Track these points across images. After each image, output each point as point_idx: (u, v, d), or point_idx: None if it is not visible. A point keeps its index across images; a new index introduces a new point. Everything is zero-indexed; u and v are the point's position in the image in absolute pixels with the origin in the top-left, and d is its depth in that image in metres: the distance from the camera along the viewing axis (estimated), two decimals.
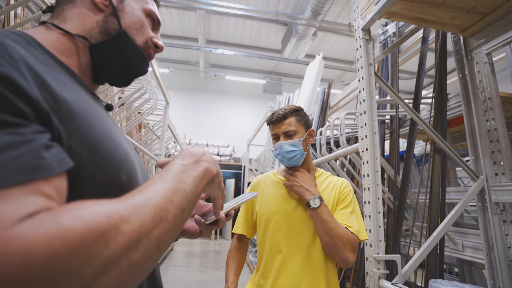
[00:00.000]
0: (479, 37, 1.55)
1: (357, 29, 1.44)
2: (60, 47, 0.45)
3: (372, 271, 1.10)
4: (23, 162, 0.26)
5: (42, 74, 0.33)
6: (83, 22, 0.48)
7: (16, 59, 0.31)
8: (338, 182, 1.08)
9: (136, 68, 0.55)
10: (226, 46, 8.77)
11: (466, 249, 1.51)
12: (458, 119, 1.85)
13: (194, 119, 10.28)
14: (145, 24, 0.54)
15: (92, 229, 0.25)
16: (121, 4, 0.52)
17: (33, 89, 0.30)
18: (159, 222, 0.30)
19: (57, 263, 0.23)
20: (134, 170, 0.45)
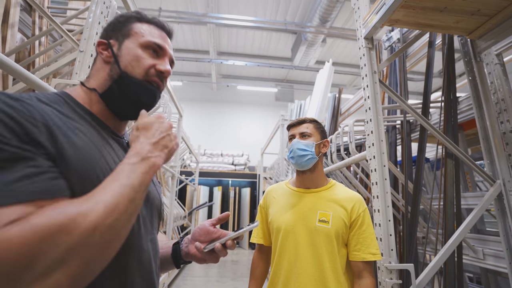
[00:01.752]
0: (487, 39, 1.53)
1: (360, 38, 1.46)
2: (87, 100, 0.58)
3: (384, 280, 1.09)
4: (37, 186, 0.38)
5: (54, 128, 0.44)
6: (99, 76, 0.60)
7: (36, 118, 0.43)
8: (353, 199, 1.06)
9: (143, 100, 0.61)
10: (237, 57, 8.94)
11: (487, 257, 1.45)
12: (472, 122, 1.80)
13: (208, 129, 10.46)
14: (140, 57, 0.60)
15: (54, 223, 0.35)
16: (119, 50, 0.60)
17: (45, 141, 0.42)
18: (111, 212, 0.40)
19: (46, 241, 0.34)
20: None
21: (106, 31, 0.63)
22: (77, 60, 1.22)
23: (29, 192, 0.36)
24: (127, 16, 0.64)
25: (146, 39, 0.61)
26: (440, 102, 1.63)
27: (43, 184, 0.38)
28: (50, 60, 1.48)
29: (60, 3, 2.11)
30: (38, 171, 0.39)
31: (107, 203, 0.40)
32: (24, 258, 0.32)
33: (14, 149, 0.38)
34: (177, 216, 4.50)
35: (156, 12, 6.42)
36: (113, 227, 0.40)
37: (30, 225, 0.34)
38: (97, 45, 0.61)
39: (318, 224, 1.03)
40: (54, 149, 0.42)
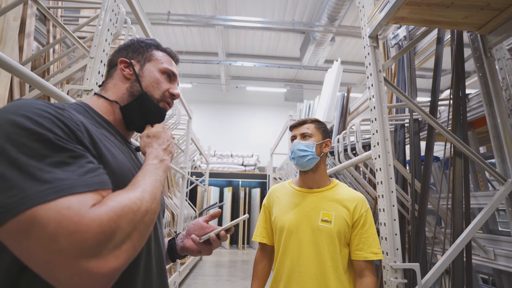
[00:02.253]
0: (497, 33, 1.49)
1: (365, 36, 1.46)
2: (104, 109, 0.66)
3: (389, 280, 1.08)
4: (99, 178, 0.45)
5: (92, 132, 0.52)
6: (117, 90, 0.68)
7: (79, 124, 0.49)
8: (355, 199, 1.08)
9: (154, 119, 0.72)
10: (246, 58, 8.99)
11: (498, 258, 1.41)
12: (483, 120, 1.76)
13: (218, 130, 10.55)
14: (160, 81, 0.71)
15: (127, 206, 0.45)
16: (141, 71, 0.69)
17: (89, 144, 0.49)
18: (153, 199, 0.50)
19: (120, 220, 0.43)
20: None
21: (127, 51, 0.72)
22: (88, 66, 1.27)
23: (95, 183, 0.44)
24: (148, 43, 0.74)
25: (165, 66, 0.72)
26: (449, 99, 1.60)
27: (101, 177, 0.46)
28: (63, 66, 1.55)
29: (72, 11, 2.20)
30: (95, 167, 0.46)
31: (150, 192, 0.50)
32: (110, 231, 0.40)
33: (73, 147, 0.45)
34: (188, 217, 4.57)
35: (165, 16, 6.54)
36: (155, 211, 0.49)
37: (111, 207, 0.42)
38: (119, 62, 0.69)
39: (321, 224, 1.04)
40: (95, 152, 0.50)
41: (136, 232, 0.44)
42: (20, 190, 0.37)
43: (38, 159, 0.40)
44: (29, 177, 0.38)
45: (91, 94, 1.23)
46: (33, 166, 0.39)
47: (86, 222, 0.38)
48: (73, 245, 0.37)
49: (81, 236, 0.37)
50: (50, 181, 0.39)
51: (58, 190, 0.39)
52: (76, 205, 0.39)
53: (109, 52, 1.36)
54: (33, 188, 0.38)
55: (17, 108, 0.44)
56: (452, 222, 1.33)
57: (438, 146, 2.10)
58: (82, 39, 1.48)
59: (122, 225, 0.42)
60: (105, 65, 1.33)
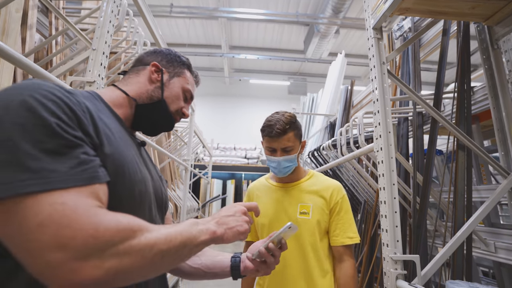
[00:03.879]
0: (505, 24, 1.46)
1: (369, 28, 1.44)
2: (116, 101, 0.66)
3: (389, 271, 1.10)
4: (89, 173, 0.44)
5: (97, 120, 0.51)
6: (139, 88, 0.70)
7: (85, 110, 0.49)
8: (330, 188, 1.13)
9: (164, 127, 0.75)
10: (249, 51, 8.91)
11: (499, 251, 1.41)
12: (488, 113, 1.74)
13: (221, 123, 10.54)
14: (180, 98, 0.75)
15: (132, 226, 0.43)
16: (168, 81, 0.73)
17: (92, 132, 0.48)
18: (168, 242, 0.46)
19: (110, 235, 0.40)
20: (146, 192, 0.60)
21: (161, 58, 0.75)
22: (90, 58, 1.27)
23: (85, 178, 0.42)
24: (183, 61, 0.78)
25: (188, 88, 0.77)
26: (453, 92, 1.58)
27: (93, 171, 0.44)
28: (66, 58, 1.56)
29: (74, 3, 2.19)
30: (89, 159, 0.44)
31: (167, 234, 0.47)
32: (103, 241, 0.39)
33: (71, 137, 0.43)
34: (191, 209, 4.62)
35: (167, 8, 6.49)
36: (164, 253, 0.45)
37: (115, 220, 0.42)
38: (152, 65, 0.72)
39: (299, 217, 1.08)
40: (97, 139, 0.48)
41: (129, 259, 0.41)
42: (4, 175, 0.37)
43: (32, 143, 0.39)
44: (17, 162, 0.37)
45: (93, 86, 1.24)
46: (24, 150, 0.38)
47: (83, 221, 0.38)
48: (58, 239, 0.36)
49: (71, 232, 0.37)
50: (36, 171, 0.38)
51: (41, 183, 0.38)
52: (71, 202, 0.39)
53: (111, 44, 1.36)
54: (18, 176, 0.37)
55: (27, 87, 0.43)
56: (453, 215, 1.33)
57: (442, 140, 2.09)
58: (84, 31, 1.47)
59: (116, 242, 0.40)
60: (107, 57, 1.34)
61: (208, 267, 0.79)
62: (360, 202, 2.70)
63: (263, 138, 1.12)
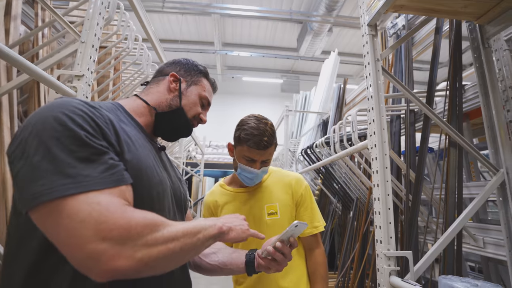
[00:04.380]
0: (496, 24, 1.48)
1: (363, 25, 1.43)
2: (137, 111, 0.72)
3: (382, 267, 1.10)
4: (117, 176, 0.50)
5: (118, 130, 0.57)
6: (158, 97, 0.75)
7: (108, 122, 0.55)
8: (292, 182, 1.11)
9: (183, 132, 0.80)
10: (242, 48, 8.86)
11: (487, 246, 1.44)
12: (477, 111, 1.77)
13: (213, 121, 10.39)
14: (197, 104, 0.80)
15: (156, 221, 0.49)
16: (186, 90, 0.78)
17: (114, 141, 0.54)
18: (185, 235, 0.52)
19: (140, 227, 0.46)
20: (164, 193, 0.65)
21: (180, 68, 0.81)
22: (79, 51, 1.23)
23: (113, 180, 0.49)
24: (200, 70, 0.83)
25: (205, 95, 0.82)
26: (445, 90, 1.60)
27: (120, 174, 0.51)
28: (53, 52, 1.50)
29: None
30: (116, 164, 0.51)
31: (185, 228, 0.53)
32: (134, 234, 0.45)
33: (98, 145, 0.49)
34: None
35: (159, 3, 6.38)
36: (182, 243, 0.51)
37: (143, 216, 0.48)
38: (170, 75, 0.78)
39: (268, 218, 1.06)
40: (119, 148, 0.54)
41: (156, 249, 0.47)
42: (49, 181, 0.43)
43: (67, 153, 0.46)
44: (57, 170, 0.44)
45: (82, 80, 1.20)
46: (62, 159, 0.45)
47: (117, 216, 0.44)
48: (98, 232, 0.42)
49: (108, 226, 0.43)
50: (73, 176, 0.45)
51: (79, 186, 0.44)
52: (105, 201, 0.45)
53: (101, 37, 1.32)
54: (59, 181, 0.44)
55: (58, 105, 0.50)
56: (444, 211, 1.35)
57: (433, 138, 2.12)
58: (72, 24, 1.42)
59: (145, 234, 0.46)
60: (96, 50, 1.30)
61: (225, 264, 0.84)
62: (352, 200, 2.72)
63: (241, 146, 1.02)
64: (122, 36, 2.01)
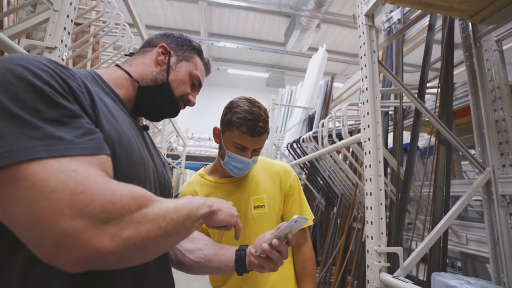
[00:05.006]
0: (488, 23, 1.49)
1: (360, 15, 1.39)
2: (117, 82, 0.63)
3: (373, 263, 1.07)
4: (96, 143, 0.41)
5: (94, 96, 0.48)
6: (143, 69, 0.66)
7: (81, 85, 0.46)
8: (280, 172, 1.03)
9: (168, 112, 0.71)
10: (229, 39, 8.67)
11: (470, 243, 1.47)
12: (463, 111, 1.80)
13: (196, 113, 10.23)
14: (186, 83, 0.70)
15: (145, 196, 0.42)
16: (175, 65, 0.69)
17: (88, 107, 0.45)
18: (176, 212, 0.45)
19: (127, 201, 0.38)
20: (146, 175, 0.56)
21: (171, 40, 0.72)
22: (51, 20, 1.08)
23: (92, 147, 0.40)
24: (194, 46, 0.75)
25: (197, 74, 0.73)
26: (435, 88, 1.60)
27: (100, 141, 0.42)
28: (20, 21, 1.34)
29: None
30: (94, 129, 0.42)
31: (176, 206, 0.46)
32: (120, 207, 0.36)
33: (70, 106, 0.41)
34: None
35: None
36: (173, 222, 0.44)
37: (130, 188, 0.40)
38: (159, 46, 0.69)
39: (255, 212, 0.96)
40: (93, 116, 0.45)
41: (145, 227, 0.39)
42: (7, 143, 0.34)
43: (31, 113, 0.36)
44: (18, 131, 0.35)
45: (54, 53, 1.06)
46: (25, 119, 0.35)
47: (99, 187, 0.36)
48: (74, 204, 0.33)
49: (87, 197, 0.34)
50: (41, 138, 0.35)
51: (50, 150, 0.35)
52: (83, 169, 0.36)
53: (77, 7, 1.18)
54: (22, 143, 0.34)
55: (16, 58, 0.40)
56: (432, 208, 1.35)
57: None
58: None
59: (133, 209, 0.38)
60: (72, 22, 1.16)
61: (211, 261, 0.75)
62: (337, 195, 2.72)
63: (231, 131, 0.90)
64: (102, 12, 1.84)
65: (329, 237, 2.61)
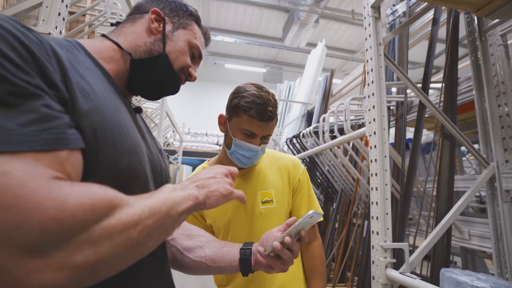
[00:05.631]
0: (494, 17, 1.46)
1: (366, 6, 1.35)
2: (104, 54, 0.53)
3: (378, 259, 1.05)
4: (52, 133, 0.32)
5: (68, 68, 0.38)
6: (134, 39, 0.57)
7: (49, 54, 0.36)
8: (288, 165, 0.98)
9: (168, 87, 0.62)
10: (226, 34, 8.57)
11: (472, 238, 1.46)
12: (465, 106, 1.78)
13: (193, 108, 10.15)
14: (186, 53, 0.61)
15: (109, 201, 0.32)
16: (172, 33, 0.60)
17: (59, 82, 0.36)
18: (153, 216, 0.37)
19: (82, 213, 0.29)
20: (140, 164, 0.47)
21: (164, 5, 0.62)
22: (44, 4, 1.03)
23: (50, 139, 0.31)
24: (191, 11, 0.65)
25: (197, 43, 0.63)
26: (439, 83, 1.58)
27: (60, 131, 0.33)
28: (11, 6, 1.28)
29: None
30: (53, 115, 0.32)
31: (151, 206, 0.37)
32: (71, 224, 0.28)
33: (23, 82, 0.31)
34: None
35: None
36: (150, 228, 0.36)
37: (88, 192, 0.31)
38: (151, 12, 0.59)
39: (263, 207, 0.92)
40: (66, 93, 0.36)
41: (109, 244, 0.31)
42: None
43: None
44: None
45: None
46: None
47: (39, 197, 0.27)
48: (2, 226, 0.24)
49: (19, 215, 0.25)
50: None
51: None
52: (21, 172, 0.27)
53: None
54: None
55: None
56: (436, 204, 1.33)
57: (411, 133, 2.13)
58: None
59: (91, 223, 0.29)
60: (67, 7, 1.10)
61: (213, 261, 0.68)
62: (337, 191, 2.71)
63: (238, 117, 0.85)
64: (98, 1, 1.78)
65: (328, 233, 2.60)
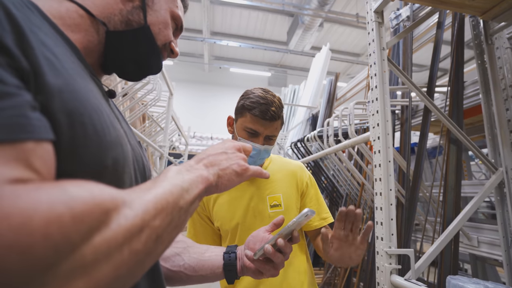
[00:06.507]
0: (500, 20, 1.45)
1: (369, 11, 1.36)
2: (68, 20, 0.42)
3: (383, 265, 1.04)
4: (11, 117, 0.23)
5: (27, 31, 0.29)
6: (105, 4, 0.46)
7: None
8: (296, 170, 1.01)
9: (151, 65, 0.53)
10: (231, 38, 8.65)
11: (481, 245, 1.43)
12: (471, 110, 1.76)
13: (198, 111, 10.23)
14: (169, 26, 0.53)
15: (99, 204, 0.24)
16: (152, 1, 0.50)
17: (14, 46, 0.26)
18: (159, 213, 0.29)
19: (60, 230, 0.20)
20: (126, 160, 0.39)
21: None
22: None
23: (9, 126, 0.22)
24: None
25: (179, 13, 0.55)
26: (444, 86, 1.56)
27: (22, 113, 0.23)
28: None
29: None
30: (10, 92, 0.23)
31: (155, 201, 0.29)
32: (50, 247, 0.19)
33: None
34: None
35: None
36: (158, 229, 0.29)
37: (67, 195, 0.22)
38: None
39: (271, 211, 0.92)
40: (26, 63, 0.26)
41: (107, 265, 0.23)
42: None
43: None
44: None
45: None
46: None
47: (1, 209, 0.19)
48: None
49: None
50: None
51: None
52: None
53: None
54: None
55: None
56: (443, 209, 1.32)
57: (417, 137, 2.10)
58: None
59: (79, 241, 0.21)
60: None
61: (193, 269, 0.60)
62: (342, 196, 2.69)
63: (243, 117, 0.88)
64: None
65: None
